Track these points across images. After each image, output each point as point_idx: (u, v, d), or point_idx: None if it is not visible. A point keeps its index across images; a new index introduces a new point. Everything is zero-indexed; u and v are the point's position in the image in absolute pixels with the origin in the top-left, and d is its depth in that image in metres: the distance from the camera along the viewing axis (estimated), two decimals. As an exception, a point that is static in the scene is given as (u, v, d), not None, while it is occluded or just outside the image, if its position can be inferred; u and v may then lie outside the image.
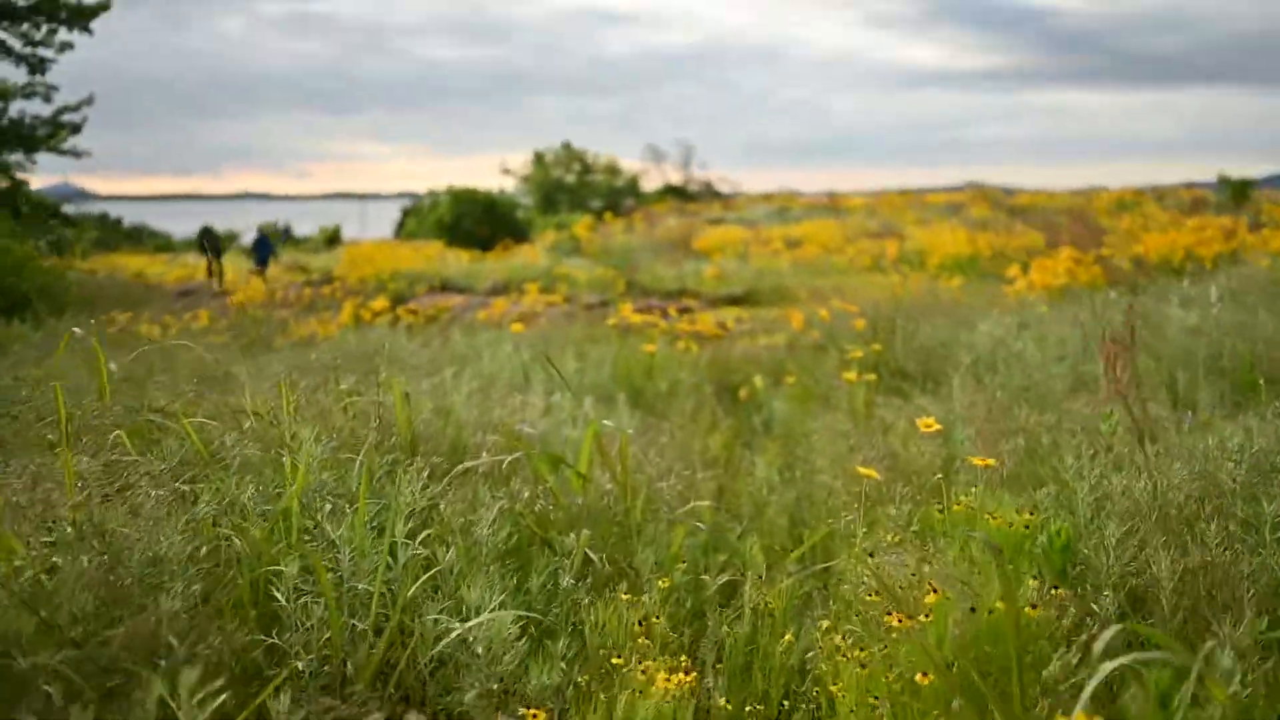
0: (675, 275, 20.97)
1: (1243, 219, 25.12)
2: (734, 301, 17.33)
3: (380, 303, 10.73)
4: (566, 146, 55.25)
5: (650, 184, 58.04)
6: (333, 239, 43.80)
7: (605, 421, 4.36)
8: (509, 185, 53.33)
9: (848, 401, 6.20)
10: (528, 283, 16.34)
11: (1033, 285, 10.73)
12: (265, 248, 23.79)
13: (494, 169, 52.34)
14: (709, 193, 58.05)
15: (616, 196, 51.94)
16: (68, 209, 54.43)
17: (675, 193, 56.20)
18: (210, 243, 23.01)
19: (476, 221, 40.21)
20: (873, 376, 6.36)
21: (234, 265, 25.71)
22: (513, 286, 17.17)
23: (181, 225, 45.12)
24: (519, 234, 35.99)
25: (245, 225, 47.75)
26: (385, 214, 51.58)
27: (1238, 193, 32.44)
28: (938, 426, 3.44)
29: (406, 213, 47.16)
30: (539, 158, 55.02)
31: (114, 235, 46.89)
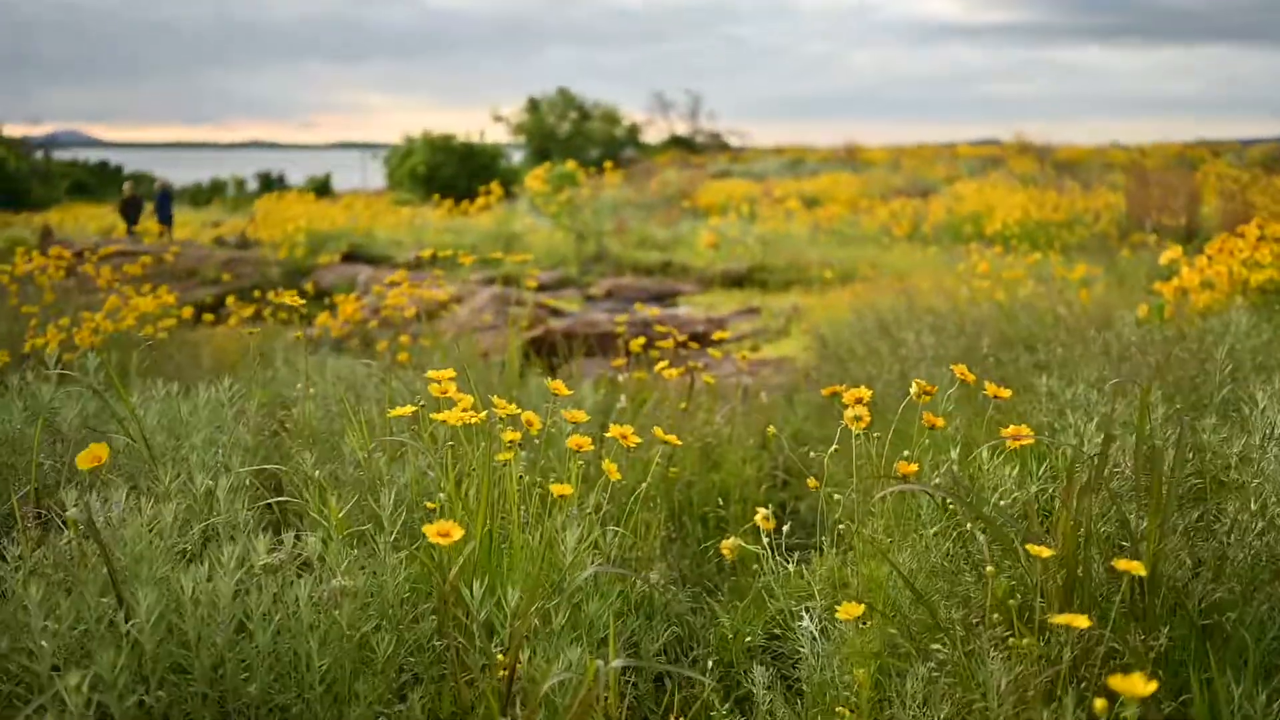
0: (667, 239, 16.84)
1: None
2: (735, 282, 13.24)
3: (164, 298, 6.68)
4: (563, 93, 50.74)
5: (657, 135, 53.98)
6: (321, 189, 40.14)
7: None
8: (501, 134, 49.28)
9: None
10: (462, 253, 12.20)
11: (1213, 280, 6.63)
12: (166, 204, 20.17)
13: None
14: (717, 145, 54.05)
15: (615, 147, 47.68)
16: (63, 155, 51.53)
17: (681, 144, 52.32)
18: (131, 210, 20.75)
19: (454, 172, 36.13)
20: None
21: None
22: (447, 255, 13.02)
23: (185, 173, 46.96)
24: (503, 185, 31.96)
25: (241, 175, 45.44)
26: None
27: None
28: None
29: (385, 161, 42.95)
30: (533, 104, 50.58)
31: (97, 183, 45.03)
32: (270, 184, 45.70)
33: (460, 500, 2.77)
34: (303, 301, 7.90)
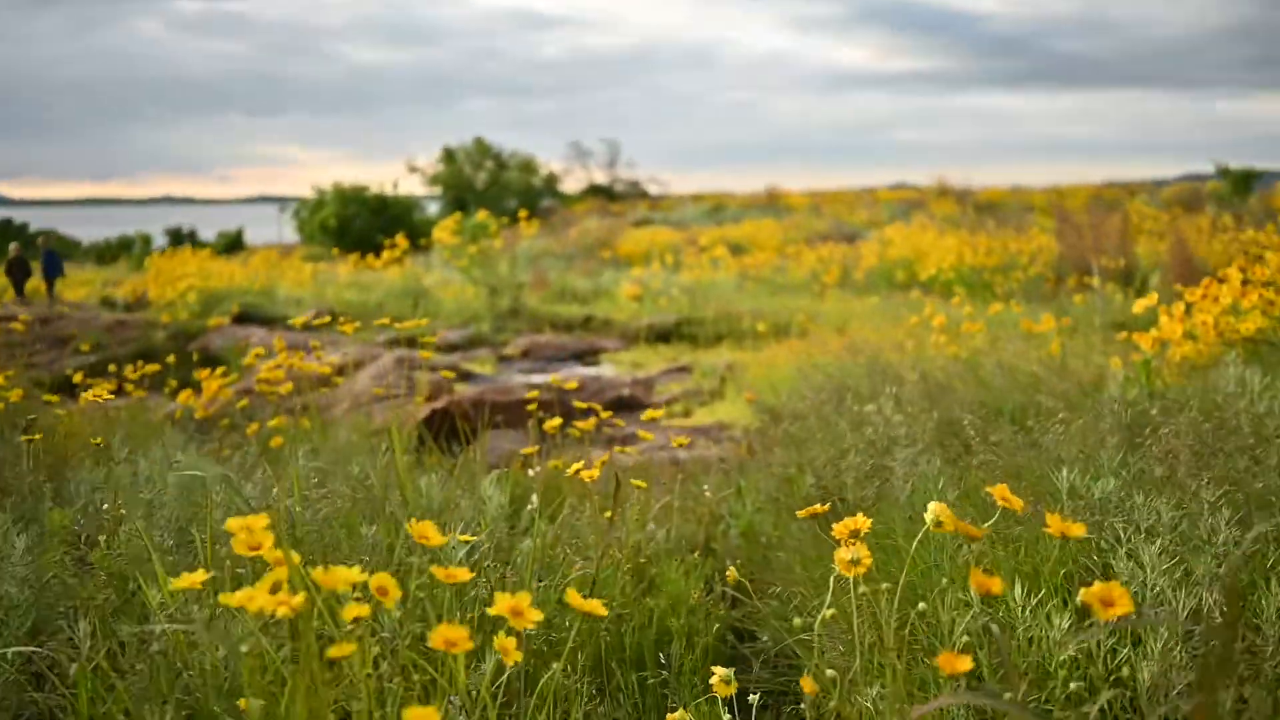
0: (588, 290, 15.96)
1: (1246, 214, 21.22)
2: (662, 336, 12.39)
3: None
4: (479, 142, 49.92)
5: (575, 185, 53.43)
6: (233, 245, 38.82)
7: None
8: (417, 185, 48.35)
9: None
10: (377, 313, 11.24)
11: (1195, 330, 5.94)
12: (53, 264, 18.83)
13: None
14: (637, 193, 53.65)
15: (533, 196, 46.92)
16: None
17: (600, 193, 51.82)
18: (17, 272, 19.24)
19: (366, 224, 34.98)
20: None
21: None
22: (351, 315, 11.98)
23: (93, 230, 46.65)
24: (416, 238, 30.91)
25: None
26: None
27: (1239, 185, 28.38)
28: None
29: (295, 215, 41.55)
30: (449, 155, 49.69)
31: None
32: (180, 240, 44.42)
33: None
34: (132, 384, 6.78)
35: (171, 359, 6.99)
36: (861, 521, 2.19)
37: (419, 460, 5.58)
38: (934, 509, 2.11)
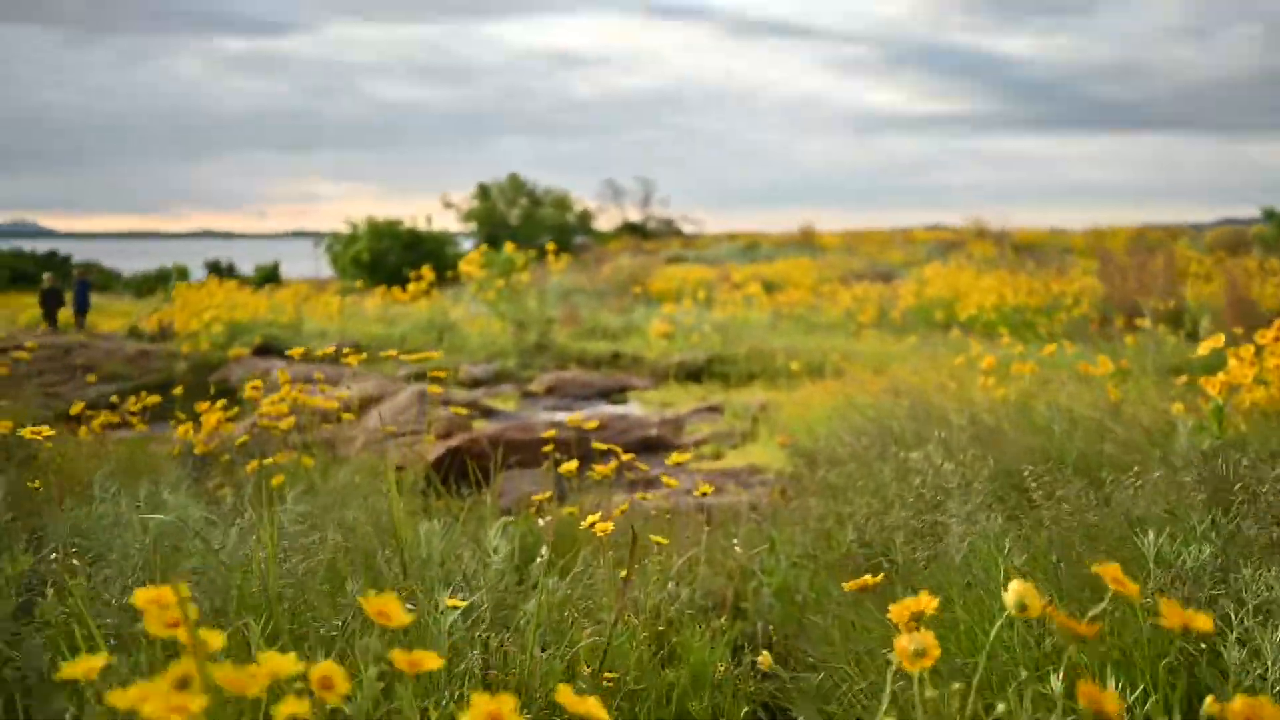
0: (619, 327, 15.61)
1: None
2: (692, 375, 11.99)
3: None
4: (513, 179, 49.92)
5: (609, 222, 53.32)
6: (269, 278, 38.94)
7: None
8: (451, 221, 48.42)
9: None
10: (400, 346, 10.93)
11: (1271, 377, 5.48)
12: (84, 294, 18.81)
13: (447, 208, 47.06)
14: (670, 231, 53.42)
15: (567, 233, 46.79)
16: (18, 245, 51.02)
17: (634, 230, 51.63)
18: (51, 302, 19.47)
19: (400, 259, 34.87)
20: None
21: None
22: (375, 348, 11.69)
23: (133, 263, 47.11)
24: (447, 273, 30.79)
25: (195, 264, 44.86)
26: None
27: (1288, 229, 27.74)
28: None
29: (328, 249, 41.58)
30: (483, 191, 49.70)
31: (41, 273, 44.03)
32: (220, 272, 44.81)
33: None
34: (134, 416, 6.45)
35: (179, 390, 6.67)
36: (926, 602, 1.79)
37: (425, 504, 5.21)
38: (1017, 591, 1.70)
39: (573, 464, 4.21)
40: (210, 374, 11.78)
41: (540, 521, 3.81)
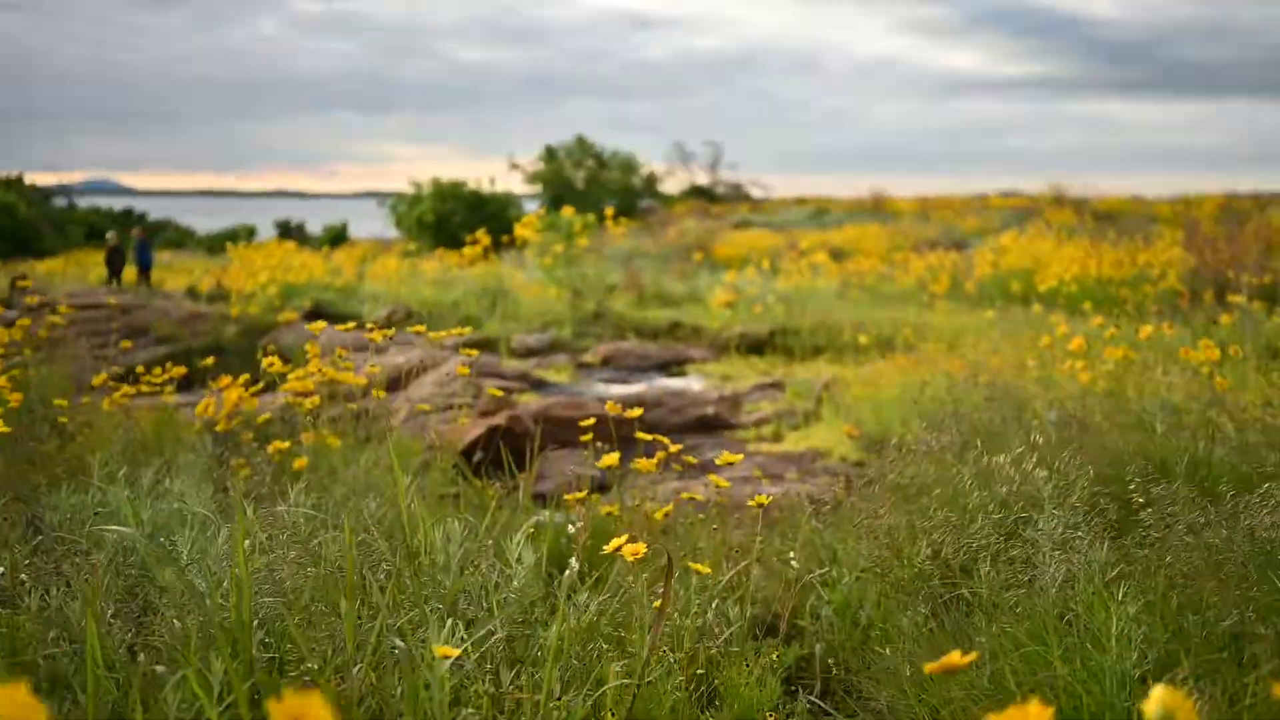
0: (683, 293, 15.15)
1: None
2: (754, 347, 11.50)
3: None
4: (580, 141, 49.42)
5: (676, 186, 52.57)
6: (338, 238, 39.15)
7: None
8: (517, 183, 48.17)
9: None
10: (454, 312, 10.59)
11: None
12: (146, 252, 18.82)
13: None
14: (738, 195, 52.59)
15: (633, 196, 46.24)
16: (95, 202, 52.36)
17: (701, 194, 50.86)
18: (116, 260, 19.47)
19: (464, 220, 34.61)
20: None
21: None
22: (428, 314, 11.39)
23: (210, 221, 48.09)
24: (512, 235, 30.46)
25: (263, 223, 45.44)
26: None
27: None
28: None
29: (393, 209, 41.50)
30: (549, 153, 49.28)
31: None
32: (289, 232, 45.09)
33: None
34: (156, 387, 6.15)
35: (210, 361, 6.34)
36: (1041, 715, 1.33)
37: (457, 494, 4.83)
38: (1163, 703, 1.24)
39: (614, 456, 3.78)
40: (260, 337, 11.56)
41: (571, 528, 3.39)
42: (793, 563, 3.32)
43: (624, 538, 2.42)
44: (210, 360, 6.24)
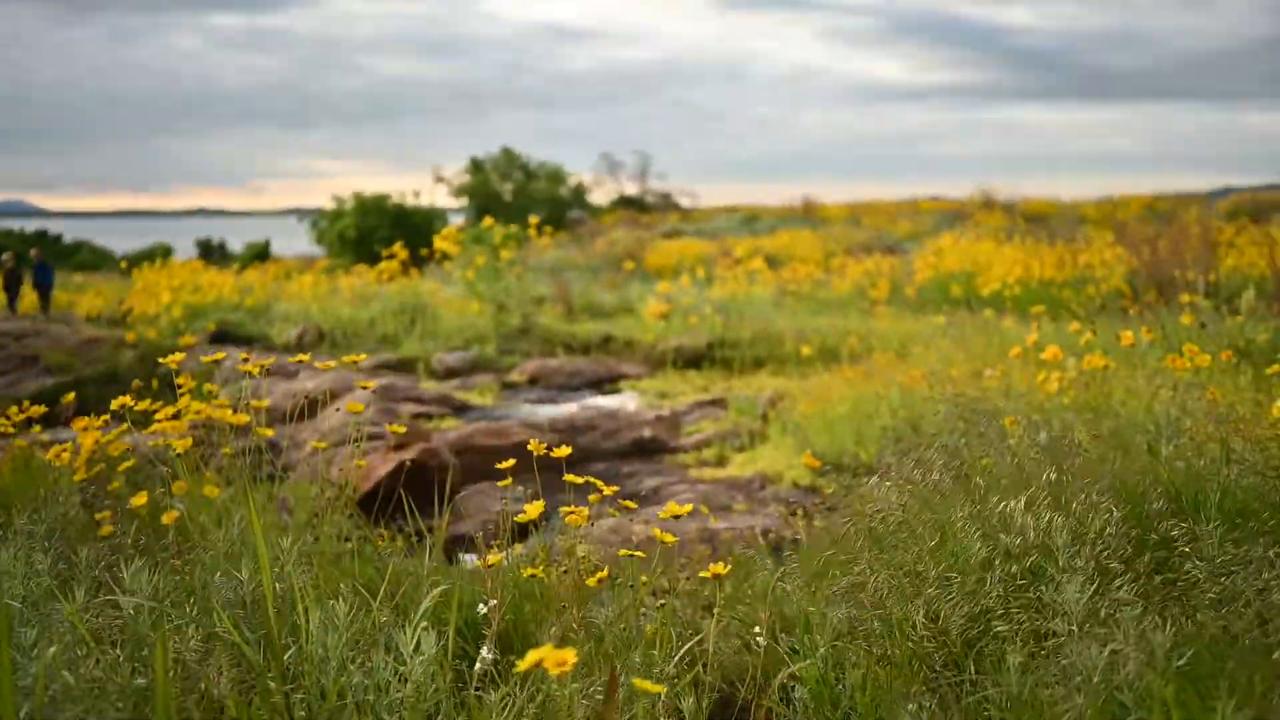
0: (614, 304, 14.54)
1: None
2: (692, 361, 10.92)
3: None
4: (506, 152, 48.69)
5: (605, 196, 52.07)
6: (260, 256, 38.07)
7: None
8: (444, 196, 47.31)
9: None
10: (370, 331, 9.85)
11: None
12: (46, 275, 17.80)
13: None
14: (667, 205, 52.21)
15: (561, 208, 45.60)
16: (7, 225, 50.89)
17: (630, 204, 50.42)
18: (12, 281, 18.41)
19: (388, 235, 33.69)
20: None
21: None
22: (339, 335, 10.62)
23: (129, 241, 46.75)
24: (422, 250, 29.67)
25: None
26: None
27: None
28: None
29: (314, 225, 40.44)
30: (476, 165, 48.48)
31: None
32: (210, 251, 43.92)
33: None
34: (14, 428, 5.37)
35: (69, 397, 5.58)
36: None
37: (355, 548, 4.17)
38: None
39: (538, 506, 3.16)
40: (159, 365, 10.73)
41: (482, 607, 2.75)
42: (758, 638, 2.71)
43: (547, 647, 1.78)
44: (71, 396, 5.47)
